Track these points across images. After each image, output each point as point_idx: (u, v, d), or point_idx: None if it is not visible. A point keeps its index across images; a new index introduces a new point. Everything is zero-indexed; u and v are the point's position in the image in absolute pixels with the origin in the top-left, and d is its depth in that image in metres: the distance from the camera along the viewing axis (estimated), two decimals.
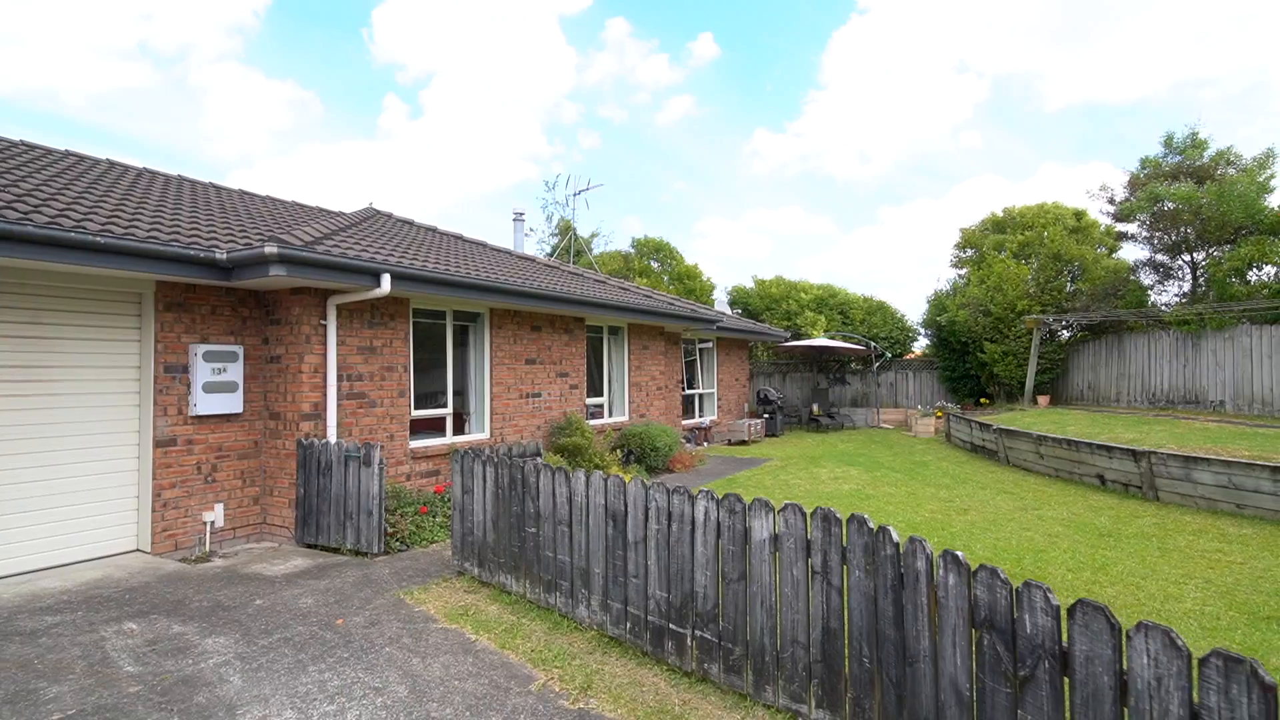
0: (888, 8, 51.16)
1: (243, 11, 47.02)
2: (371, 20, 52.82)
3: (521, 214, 18.17)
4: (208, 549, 6.42)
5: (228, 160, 52.39)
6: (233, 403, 6.68)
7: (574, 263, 24.25)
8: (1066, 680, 2.09)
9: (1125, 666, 1.91)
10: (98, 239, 5.16)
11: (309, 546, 6.58)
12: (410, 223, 11.95)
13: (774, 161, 57.71)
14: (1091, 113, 46.74)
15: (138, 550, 6.23)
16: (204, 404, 6.45)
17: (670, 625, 3.89)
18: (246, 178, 51.46)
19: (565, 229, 29.01)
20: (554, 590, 4.72)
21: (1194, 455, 8.54)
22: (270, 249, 5.62)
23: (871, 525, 2.98)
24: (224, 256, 5.93)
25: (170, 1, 42.79)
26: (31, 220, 4.96)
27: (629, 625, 4.15)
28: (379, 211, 11.64)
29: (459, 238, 12.52)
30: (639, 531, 4.08)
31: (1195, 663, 1.74)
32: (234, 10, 46.42)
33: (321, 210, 11.51)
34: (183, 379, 6.38)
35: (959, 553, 2.51)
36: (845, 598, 3.11)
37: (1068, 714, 2.07)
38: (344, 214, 11.45)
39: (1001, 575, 2.33)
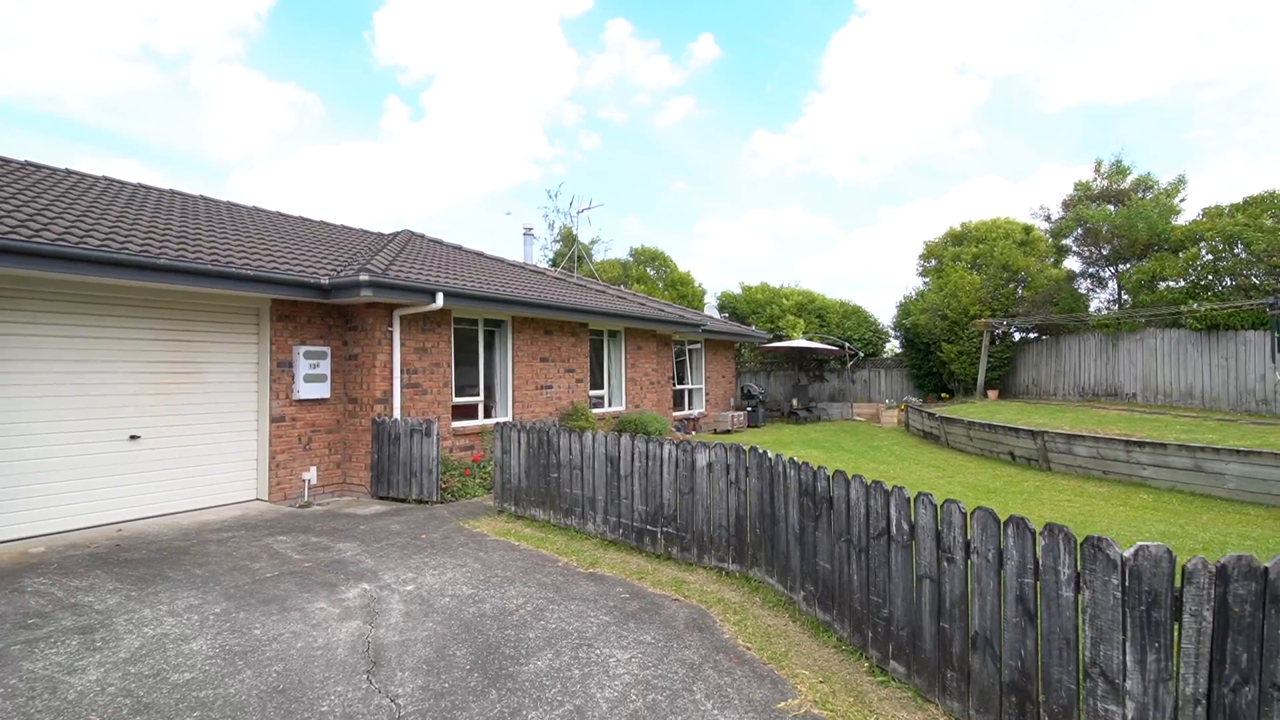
0: (887, 10, 52.82)
1: (245, 14, 48.88)
2: (373, 22, 54.74)
3: (530, 229, 20.33)
4: (307, 499, 8.54)
5: (229, 162, 54.10)
6: (323, 390, 8.82)
7: (576, 269, 26.39)
8: (830, 510, 4.21)
9: (849, 497, 4.02)
10: (245, 271, 7.30)
11: (381, 498, 8.70)
12: (439, 242, 14.10)
13: (774, 162, 59.44)
14: (1091, 114, 48.22)
15: (257, 499, 8.36)
16: (304, 391, 8.58)
17: (647, 527, 6.03)
18: (248, 179, 53.09)
19: (568, 236, 31.22)
20: (570, 515, 6.85)
21: (1075, 434, 10.68)
22: (364, 276, 7.76)
23: (760, 450, 5.11)
24: (326, 282, 8.08)
25: (174, 4, 44.67)
26: (199, 259, 7.09)
27: (621, 531, 6.29)
28: (414, 233, 13.77)
29: (480, 254, 14.67)
30: (628, 468, 6.21)
31: (864, 488, 3.86)
32: (236, 13, 48.30)
33: (364, 231, 13.67)
34: (288, 371, 8.51)
35: (794, 457, 4.64)
36: (747, 496, 5.24)
37: (831, 525, 4.20)
38: (383, 234, 13.62)
39: (811, 466, 4.45)
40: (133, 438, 7.21)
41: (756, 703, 3.45)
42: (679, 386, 18.26)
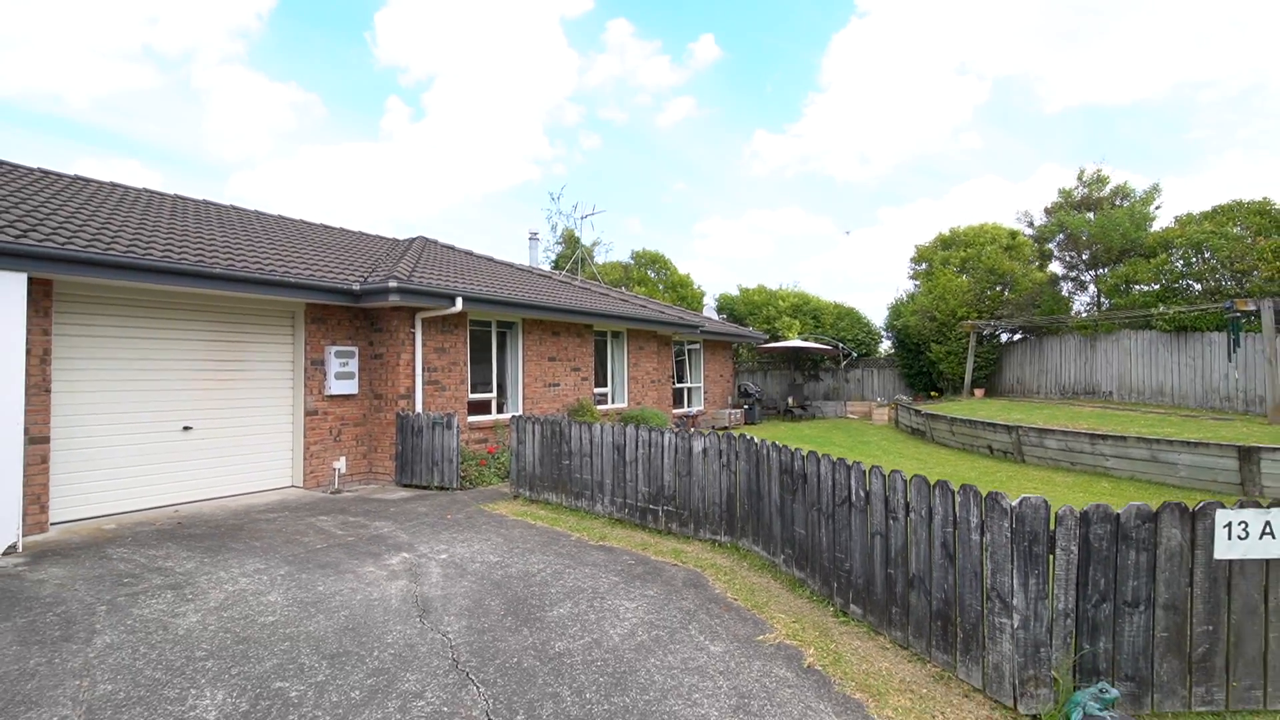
0: (887, 10, 53.48)
1: (246, 15, 49.64)
2: (374, 23, 55.50)
3: (536, 234, 21.18)
4: (337, 486, 9.33)
5: (230, 162, 54.70)
6: (352, 387, 9.60)
7: (580, 272, 27.19)
8: (805, 485, 5.00)
9: (819, 473, 4.81)
10: (288, 278, 8.09)
11: (405, 485, 9.49)
12: (452, 248, 14.88)
13: (774, 162, 60.02)
14: (1091, 114, 48.67)
15: (293, 486, 9.15)
16: (335, 387, 9.37)
17: (650, 506, 6.82)
18: (249, 180, 53.74)
19: (570, 238, 32.03)
20: (580, 497, 7.64)
21: (1047, 428, 11.48)
22: (392, 283, 8.55)
23: (749, 437, 5.90)
24: (358, 287, 8.87)
25: (175, 4, 45.42)
26: (247, 268, 7.88)
27: (627, 510, 7.08)
28: (428, 239, 14.56)
29: (490, 259, 15.46)
30: (633, 454, 7.01)
31: (831, 465, 4.64)
32: (237, 13, 49.05)
33: (380, 237, 14.45)
34: (321, 369, 9.30)
35: (776, 441, 5.43)
36: (736, 477, 6.03)
37: (805, 497, 4.99)
38: (399, 240, 14.40)
39: (790, 447, 5.24)
40: (186, 428, 8.00)
41: (740, 637, 4.25)
42: (678, 385, 19.05)
